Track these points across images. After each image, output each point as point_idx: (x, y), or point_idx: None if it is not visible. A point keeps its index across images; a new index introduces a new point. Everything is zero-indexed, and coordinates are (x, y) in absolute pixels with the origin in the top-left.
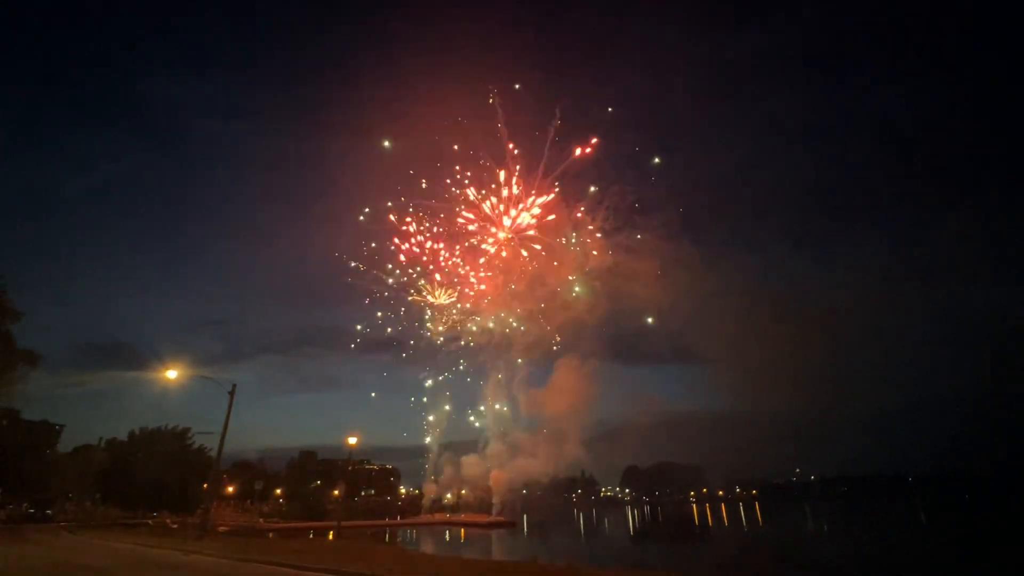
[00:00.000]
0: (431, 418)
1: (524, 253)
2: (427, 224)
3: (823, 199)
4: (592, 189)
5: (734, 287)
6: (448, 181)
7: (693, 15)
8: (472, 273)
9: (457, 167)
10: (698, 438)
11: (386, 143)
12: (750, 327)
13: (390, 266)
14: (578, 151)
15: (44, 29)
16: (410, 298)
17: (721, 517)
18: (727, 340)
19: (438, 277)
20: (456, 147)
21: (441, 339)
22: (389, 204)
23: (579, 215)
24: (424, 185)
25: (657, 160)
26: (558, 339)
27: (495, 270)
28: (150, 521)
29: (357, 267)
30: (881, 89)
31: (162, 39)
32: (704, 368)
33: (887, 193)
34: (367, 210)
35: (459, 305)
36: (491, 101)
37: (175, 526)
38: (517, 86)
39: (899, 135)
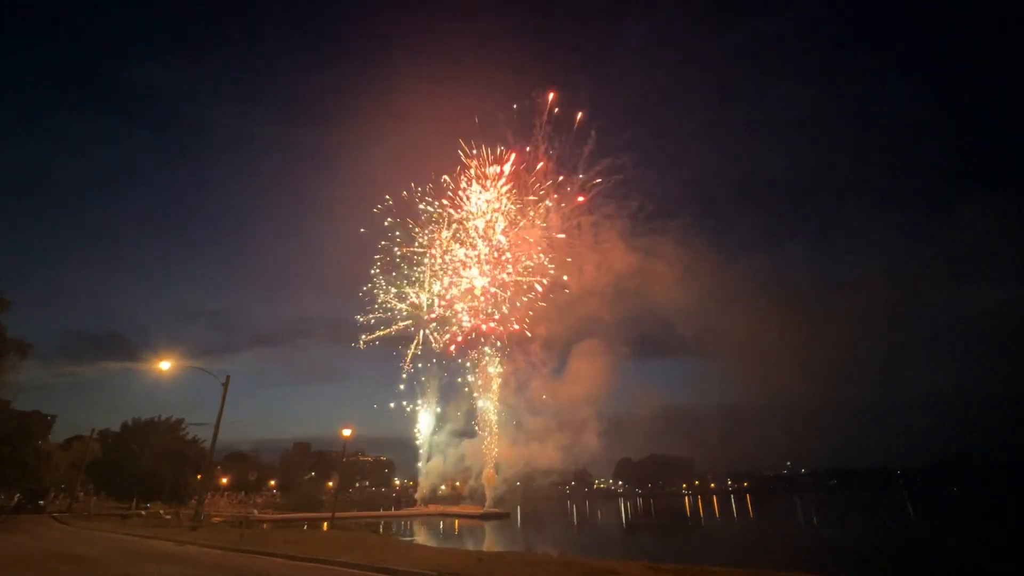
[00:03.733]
0: (429, 410)
1: (540, 258)
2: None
3: (834, 195)
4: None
5: (734, 284)
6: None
7: (697, 9)
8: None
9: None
10: (691, 430)
11: None
12: (748, 323)
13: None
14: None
15: (39, 14)
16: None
17: (713, 509)
18: (724, 335)
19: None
20: (461, 152)
21: (451, 337)
22: (404, 193)
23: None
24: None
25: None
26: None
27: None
28: (143, 512)
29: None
30: (894, 83)
31: (158, 26)
32: (698, 361)
33: (898, 189)
34: (387, 199)
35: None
36: (515, 107)
37: (168, 517)
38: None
39: (911, 130)
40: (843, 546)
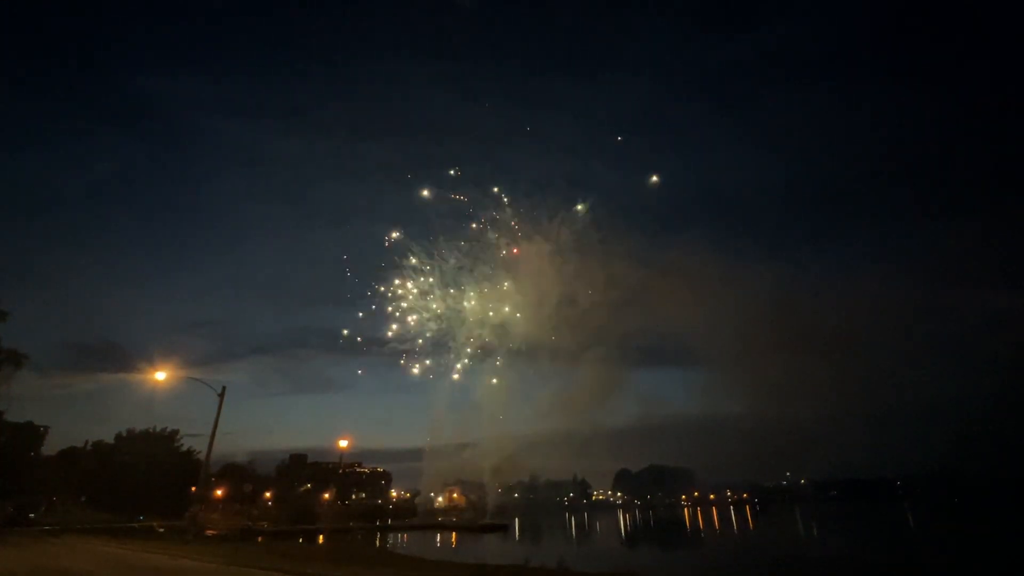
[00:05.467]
0: (429, 421)
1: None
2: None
3: (837, 205)
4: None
5: (739, 294)
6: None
7: (697, 20)
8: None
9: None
10: (690, 441)
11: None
12: (752, 333)
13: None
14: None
15: (39, 24)
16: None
17: (712, 520)
18: (727, 345)
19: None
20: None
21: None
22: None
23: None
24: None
25: (655, 178)
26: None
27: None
28: (136, 525)
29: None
30: (892, 94)
31: (159, 35)
32: (699, 371)
33: (901, 199)
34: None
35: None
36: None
37: (162, 530)
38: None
39: (913, 140)
40: (844, 558)
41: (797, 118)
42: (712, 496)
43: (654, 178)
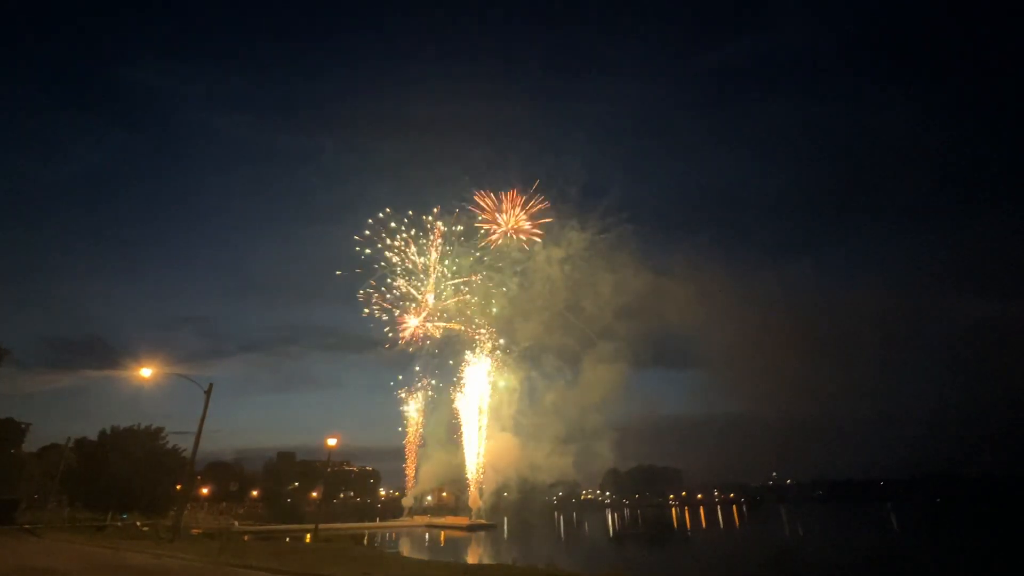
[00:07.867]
0: (417, 416)
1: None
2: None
3: (838, 210)
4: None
5: (739, 299)
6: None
7: (700, 24)
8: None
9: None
10: (678, 441)
11: None
12: (747, 335)
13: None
14: None
15: (36, 17)
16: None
17: (699, 520)
18: (720, 347)
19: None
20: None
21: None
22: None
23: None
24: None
25: None
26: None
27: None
28: (120, 523)
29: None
30: (891, 97)
31: (147, 25)
32: (689, 372)
33: (898, 203)
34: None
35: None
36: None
37: (146, 529)
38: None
39: (911, 144)
40: (827, 558)
41: (794, 124)
42: (700, 496)
43: None
